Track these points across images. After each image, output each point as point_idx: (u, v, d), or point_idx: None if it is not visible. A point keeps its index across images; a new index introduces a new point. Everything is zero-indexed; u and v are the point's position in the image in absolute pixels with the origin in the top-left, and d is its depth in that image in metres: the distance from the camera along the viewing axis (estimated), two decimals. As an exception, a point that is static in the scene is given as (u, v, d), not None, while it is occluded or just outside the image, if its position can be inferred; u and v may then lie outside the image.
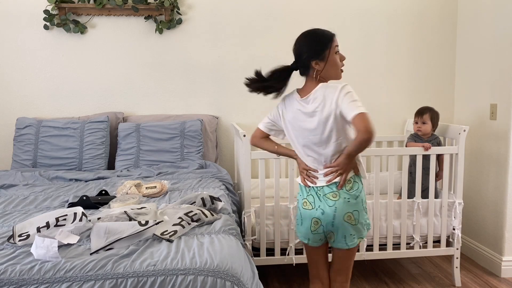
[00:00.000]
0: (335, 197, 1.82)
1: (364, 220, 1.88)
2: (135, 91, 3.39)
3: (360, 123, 1.72)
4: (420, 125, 2.94)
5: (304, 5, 3.43)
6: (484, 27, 3.20)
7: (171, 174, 2.90)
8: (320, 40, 1.86)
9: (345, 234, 1.85)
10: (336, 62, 1.89)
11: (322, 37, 1.87)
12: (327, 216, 1.83)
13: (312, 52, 1.84)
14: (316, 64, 1.85)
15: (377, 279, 2.97)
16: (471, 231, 3.36)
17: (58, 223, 1.80)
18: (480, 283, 2.91)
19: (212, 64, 3.42)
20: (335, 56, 1.88)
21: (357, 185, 1.86)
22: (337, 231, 1.85)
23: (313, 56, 1.84)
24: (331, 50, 1.86)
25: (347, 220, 1.83)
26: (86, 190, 2.56)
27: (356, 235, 1.86)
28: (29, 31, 3.26)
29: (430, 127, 2.93)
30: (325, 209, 1.84)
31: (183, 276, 1.49)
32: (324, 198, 1.84)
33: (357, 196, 1.84)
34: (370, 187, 3.39)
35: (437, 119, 2.97)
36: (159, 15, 3.31)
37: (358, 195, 1.85)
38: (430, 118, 2.93)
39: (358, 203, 1.84)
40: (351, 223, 1.84)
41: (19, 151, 3.08)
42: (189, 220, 1.92)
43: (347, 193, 1.83)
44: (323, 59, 1.85)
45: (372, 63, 3.54)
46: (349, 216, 1.83)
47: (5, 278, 1.46)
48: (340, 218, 1.82)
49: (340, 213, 1.82)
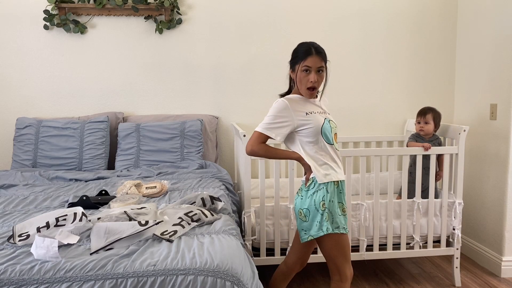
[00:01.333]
0: (299, 193, 2.06)
1: (316, 221, 1.98)
2: (135, 91, 3.39)
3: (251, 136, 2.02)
4: (422, 125, 2.94)
5: (304, 6, 3.43)
6: (484, 27, 3.20)
7: (171, 174, 2.90)
8: (296, 53, 2.03)
9: (300, 228, 2.06)
10: (300, 79, 2.02)
11: (299, 52, 2.02)
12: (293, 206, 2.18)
13: (291, 61, 2.07)
14: (292, 73, 2.08)
15: (377, 279, 2.97)
16: (471, 231, 3.36)
17: (58, 223, 1.80)
18: (480, 283, 2.91)
19: (212, 64, 3.42)
20: (301, 73, 2.00)
21: (312, 185, 2.00)
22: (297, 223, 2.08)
23: (290, 65, 2.07)
24: (300, 66, 2.00)
25: (299, 215, 2.04)
26: (86, 190, 2.56)
27: (307, 232, 2.01)
28: (29, 31, 3.26)
29: (432, 127, 2.94)
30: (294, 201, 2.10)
31: (183, 276, 1.50)
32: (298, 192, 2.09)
33: (309, 196, 2.00)
34: (370, 187, 3.39)
35: (439, 120, 2.98)
36: (159, 15, 3.31)
37: (311, 195, 2.00)
38: (432, 118, 2.93)
39: (311, 203, 1.99)
40: (301, 219, 2.03)
41: (19, 151, 3.08)
42: (189, 220, 1.92)
43: (305, 192, 2.02)
44: (294, 70, 2.05)
45: (372, 63, 3.54)
46: (300, 212, 2.03)
47: (5, 278, 1.46)
48: (296, 212, 2.06)
49: (296, 207, 2.06)
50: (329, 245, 2.01)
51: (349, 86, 3.53)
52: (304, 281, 2.93)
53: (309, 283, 2.90)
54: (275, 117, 1.98)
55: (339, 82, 3.50)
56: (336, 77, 3.50)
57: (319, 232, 1.98)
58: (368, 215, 2.75)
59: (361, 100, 3.55)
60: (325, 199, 1.98)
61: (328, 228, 1.97)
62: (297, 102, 2.02)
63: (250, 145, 1.99)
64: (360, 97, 3.55)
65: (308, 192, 2.01)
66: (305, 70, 1.98)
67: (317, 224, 1.98)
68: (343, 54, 3.50)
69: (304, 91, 2.02)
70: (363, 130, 3.57)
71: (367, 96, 3.55)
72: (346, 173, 2.72)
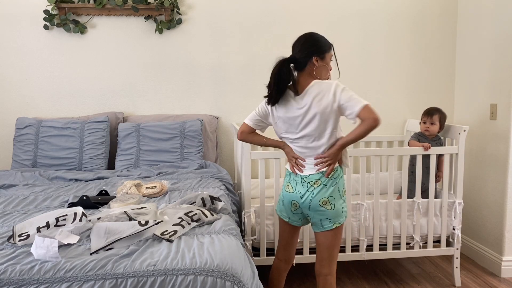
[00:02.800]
0: (317, 184, 2.00)
1: (340, 206, 2.02)
2: (135, 91, 3.39)
3: (367, 114, 1.92)
4: (428, 125, 2.93)
5: (304, 5, 3.43)
6: (484, 27, 3.20)
7: (171, 174, 2.90)
8: (325, 42, 2.06)
9: (321, 218, 2.01)
10: (329, 66, 2.08)
11: (326, 41, 2.06)
12: (305, 200, 2.01)
13: (316, 49, 2.01)
14: (316, 61, 2.01)
15: (377, 279, 2.97)
16: (471, 231, 3.36)
17: (58, 223, 1.80)
18: (480, 283, 2.91)
19: (212, 64, 3.42)
20: (329, 61, 2.07)
21: (336, 174, 2.02)
22: (314, 215, 2.02)
23: (315, 52, 2.01)
24: (329, 54, 2.06)
25: (323, 205, 1.99)
26: (86, 190, 2.56)
27: (332, 219, 2.01)
28: (29, 31, 3.26)
29: (437, 128, 2.93)
30: (304, 194, 2.02)
31: (183, 276, 1.50)
32: (308, 184, 2.01)
33: (334, 184, 2.01)
34: (370, 187, 3.39)
35: (445, 121, 2.97)
36: (159, 15, 3.31)
37: (336, 182, 2.01)
38: (439, 120, 2.92)
39: (335, 190, 2.01)
40: (326, 208, 1.99)
41: (19, 151, 3.08)
42: (189, 220, 1.92)
43: (326, 180, 2.00)
44: (323, 58, 2.03)
45: (372, 63, 3.54)
46: (325, 201, 1.99)
47: (5, 278, 1.46)
48: (316, 203, 1.99)
49: (317, 198, 1.99)
50: (336, 232, 2.04)
51: (349, 86, 3.51)
52: (304, 281, 2.93)
53: (309, 283, 2.90)
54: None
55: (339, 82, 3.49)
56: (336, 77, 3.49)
57: (344, 217, 2.04)
58: (368, 215, 2.75)
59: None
60: (345, 186, 2.05)
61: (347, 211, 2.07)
62: None
63: (377, 115, 1.94)
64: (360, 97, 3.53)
65: (331, 180, 2.00)
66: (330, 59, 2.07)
67: (342, 211, 2.03)
68: (343, 54, 3.50)
69: (327, 78, 2.09)
70: (363, 130, 3.56)
71: (367, 96, 3.54)
72: (346, 173, 2.72)
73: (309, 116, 1.98)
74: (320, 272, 2.08)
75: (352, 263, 3.20)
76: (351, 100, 1.95)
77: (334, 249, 2.05)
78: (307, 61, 2.01)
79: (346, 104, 1.95)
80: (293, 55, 2.03)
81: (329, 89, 1.97)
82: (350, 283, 2.90)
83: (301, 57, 2.01)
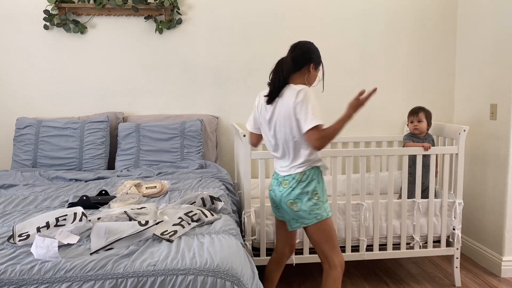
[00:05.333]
0: (286, 185, 2.11)
1: (308, 208, 2.07)
2: (135, 91, 3.39)
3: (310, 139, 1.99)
4: (416, 124, 2.98)
5: (304, 5, 3.43)
6: (484, 27, 3.20)
7: (171, 174, 2.90)
8: (320, 56, 2.18)
9: (290, 218, 2.15)
10: (316, 76, 2.18)
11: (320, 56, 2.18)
12: (277, 199, 2.17)
13: (315, 57, 2.14)
14: (312, 68, 2.13)
15: (377, 279, 2.97)
16: (471, 231, 3.36)
17: (58, 223, 1.80)
18: (480, 283, 2.91)
19: (212, 64, 3.42)
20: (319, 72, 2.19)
21: (307, 178, 2.08)
22: (284, 214, 2.17)
23: (314, 60, 2.13)
24: (320, 67, 2.20)
25: (290, 205, 2.11)
26: (86, 190, 2.56)
27: (299, 220, 2.11)
28: (29, 31, 3.26)
29: (425, 125, 2.99)
30: (276, 193, 2.17)
31: (183, 276, 1.49)
32: (281, 184, 2.14)
33: (302, 186, 2.07)
34: (370, 187, 3.39)
35: (431, 118, 3.04)
36: (159, 15, 3.31)
37: (304, 185, 2.07)
38: (425, 117, 2.99)
39: (303, 192, 2.07)
40: (293, 208, 2.10)
41: (19, 151, 3.08)
42: (189, 220, 1.92)
43: (296, 183, 2.08)
44: (316, 69, 2.16)
45: (372, 63, 3.53)
46: (291, 202, 2.10)
47: (5, 278, 1.46)
48: (285, 203, 2.12)
49: (285, 198, 2.11)
50: (316, 231, 2.12)
51: (349, 86, 3.52)
52: (304, 281, 2.93)
53: (309, 283, 2.90)
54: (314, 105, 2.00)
55: (339, 82, 3.50)
56: (336, 77, 3.50)
57: (314, 219, 2.09)
58: (368, 215, 2.76)
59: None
60: (318, 189, 2.09)
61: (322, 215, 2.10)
62: None
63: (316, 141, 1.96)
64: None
65: (299, 183, 2.07)
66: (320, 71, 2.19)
67: (311, 213, 2.08)
68: (343, 54, 3.50)
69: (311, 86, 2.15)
70: (363, 130, 3.57)
71: (367, 96, 3.54)
72: (346, 173, 2.72)
73: (274, 119, 2.09)
74: (323, 268, 2.18)
75: (352, 263, 3.20)
76: (305, 115, 1.98)
77: (322, 245, 2.13)
78: (304, 65, 2.10)
79: (299, 117, 2.00)
80: (293, 55, 2.10)
81: (292, 94, 2.02)
82: (350, 283, 2.91)
83: (301, 59, 2.09)
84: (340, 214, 2.74)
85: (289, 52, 2.13)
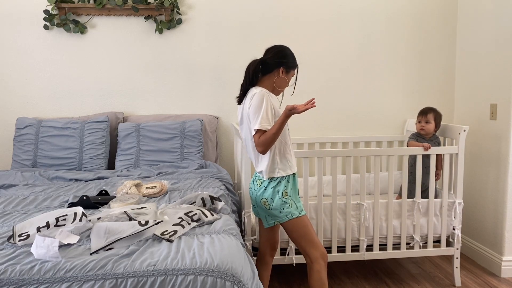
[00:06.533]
0: (260, 184, 2.20)
1: (279, 207, 2.15)
2: (135, 91, 3.39)
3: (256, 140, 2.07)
4: (423, 124, 2.95)
5: (304, 5, 3.43)
6: (484, 28, 3.20)
7: (171, 174, 2.90)
8: (294, 60, 2.21)
9: (264, 215, 2.25)
10: (285, 80, 2.19)
11: (295, 60, 2.22)
12: (253, 197, 2.25)
13: (287, 62, 2.16)
14: (282, 72, 2.16)
15: (377, 279, 2.97)
16: (471, 231, 3.36)
17: (58, 223, 1.80)
18: (480, 283, 2.91)
19: (212, 64, 3.42)
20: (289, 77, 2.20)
21: (278, 179, 2.15)
22: (259, 211, 2.26)
23: (285, 64, 2.16)
24: (293, 72, 2.22)
25: (263, 204, 2.19)
26: (86, 190, 2.56)
27: (273, 217, 2.21)
28: (29, 31, 3.26)
29: (433, 127, 2.94)
30: (253, 191, 2.25)
31: (183, 276, 1.50)
32: (256, 182, 2.23)
33: (273, 186, 2.15)
34: (370, 187, 3.39)
35: (440, 120, 2.98)
36: (159, 15, 3.31)
37: (275, 185, 2.15)
38: (434, 118, 2.94)
39: (274, 192, 2.15)
40: (266, 207, 2.18)
41: (19, 151, 3.08)
42: (189, 220, 1.92)
43: (267, 183, 2.16)
44: (287, 73, 2.19)
45: (372, 63, 3.53)
46: (264, 201, 2.18)
47: (5, 278, 1.46)
48: (259, 202, 2.21)
49: (259, 198, 2.20)
50: (291, 228, 2.19)
51: (349, 86, 3.53)
52: (304, 281, 2.93)
53: (309, 283, 2.90)
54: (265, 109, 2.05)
55: (339, 82, 3.50)
56: (336, 77, 3.50)
57: (284, 218, 2.16)
58: (368, 215, 2.76)
59: (361, 100, 3.55)
60: (287, 188, 2.16)
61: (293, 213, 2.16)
62: (270, 95, 2.14)
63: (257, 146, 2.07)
64: (360, 97, 3.55)
65: (270, 183, 2.15)
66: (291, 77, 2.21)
67: (281, 211, 2.15)
68: (343, 54, 3.50)
69: (279, 91, 2.21)
70: (363, 130, 3.57)
71: (367, 96, 3.55)
72: (346, 173, 2.72)
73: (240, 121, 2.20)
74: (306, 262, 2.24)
75: (352, 263, 3.20)
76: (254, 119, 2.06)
77: (299, 241, 2.20)
78: (274, 68, 2.15)
79: (250, 121, 2.09)
80: (264, 58, 2.17)
81: (249, 97, 2.11)
82: (350, 283, 2.91)
83: (271, 62, 2.14)
84: (340, 214, 2.74)
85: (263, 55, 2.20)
